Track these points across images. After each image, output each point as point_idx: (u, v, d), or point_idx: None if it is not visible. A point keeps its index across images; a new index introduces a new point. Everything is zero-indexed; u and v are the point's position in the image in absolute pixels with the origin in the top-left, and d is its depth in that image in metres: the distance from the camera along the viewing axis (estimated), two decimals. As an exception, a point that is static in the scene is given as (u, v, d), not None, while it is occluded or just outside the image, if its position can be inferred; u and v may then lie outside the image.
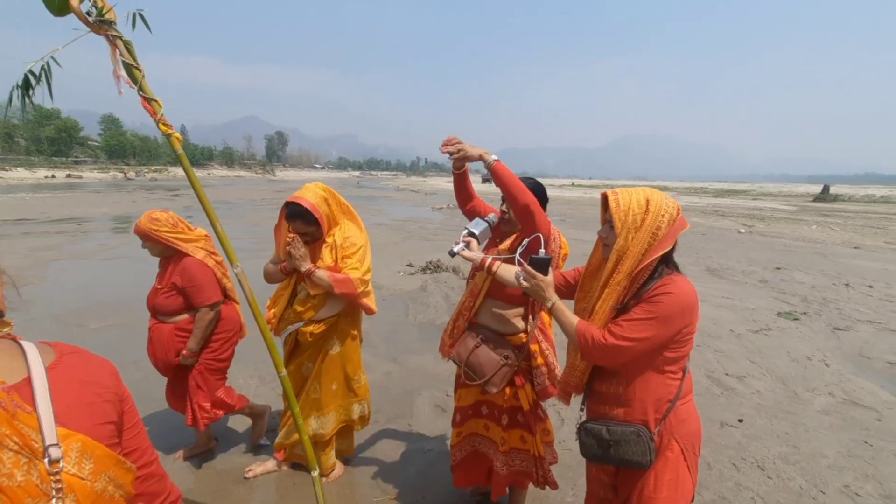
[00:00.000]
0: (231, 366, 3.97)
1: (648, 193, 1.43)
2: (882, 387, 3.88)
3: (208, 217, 1.63)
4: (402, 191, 39.80)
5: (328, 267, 2.24)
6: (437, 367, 4.07)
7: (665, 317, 1.37)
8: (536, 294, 1.56)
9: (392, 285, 6.70)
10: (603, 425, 1.49)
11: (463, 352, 1.99)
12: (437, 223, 15.21)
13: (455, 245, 1.91)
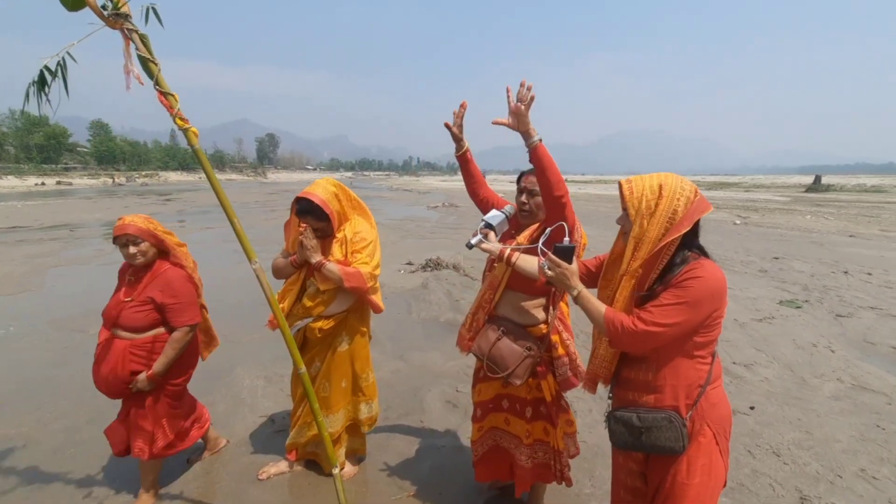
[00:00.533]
0: (237, 367, 3.98)
1: (662, 178, 1.42)
2: (889, 371, 3.91)
3: (226, 212, 1.60)
4: (396, 190, 39.73)
5: (338, 261, 2.21)
6: (444, 363, 4.05)
7: (695, 301, 1.35)
8: (562, 283, 1.54)
9: (393, 283, 6.67)
10: (633, 412, 1.47)
11: (484, 345, 1.97)
12: (434, 222, 15.18)
13: (472, 237, 1.89)
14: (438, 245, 9.96)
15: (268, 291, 1.69)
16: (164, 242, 2.20)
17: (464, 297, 5.91)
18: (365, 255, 2.24)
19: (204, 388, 3.53)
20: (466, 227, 13.37)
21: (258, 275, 1.70)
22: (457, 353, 4.22)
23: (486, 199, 2.18)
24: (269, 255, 2.42)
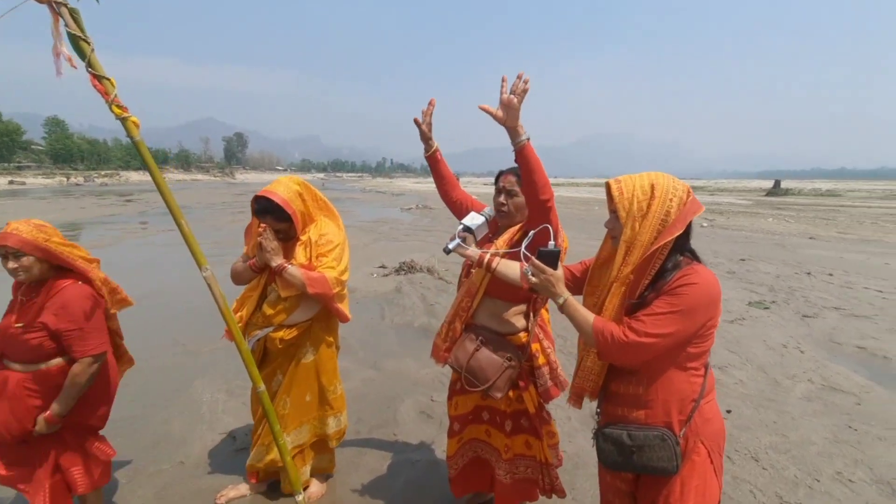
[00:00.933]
0: (196, 380, 3.72)
1: (654, 178, 1.32)
2: (855, 371, 3.99)
3: (172, 212, 1.41)
4: (369, 192, 39.27)
5: (301, 266, 2.03)
6: (419, 371, 3.90)
7: (689, 309, 1.26)
8: (546, 290, 1.42)
9: (365, 287, 6.47)
10: (623, 430, 1.37)
11: (462, 356, 1.83)
12: (408, 224, 15.00)
13: (450, 241, 1.76)
14: (412, 248, 9.79)
15: (220, 301, 1.51)
16: (58, 257, 1.75)
17: (438, 302, 5.78)
18: (331, 258, 2.07)
19: (158, 404, 3.27)
20: (440, 230, 13.25)
21: (209, 283, 1.52)
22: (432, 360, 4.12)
23: (459, 201, 2.06)
24: (232, 259, 2.23)
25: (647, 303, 1.32)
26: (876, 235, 13.24)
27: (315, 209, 2.14)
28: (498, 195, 1.91)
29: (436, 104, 1.91)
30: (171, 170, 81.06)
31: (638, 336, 1.27)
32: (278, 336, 2.07)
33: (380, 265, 7.80)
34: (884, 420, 3.18)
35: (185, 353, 4.20)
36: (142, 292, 6.10)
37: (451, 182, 2.06)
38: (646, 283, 1.33)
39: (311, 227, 2.12)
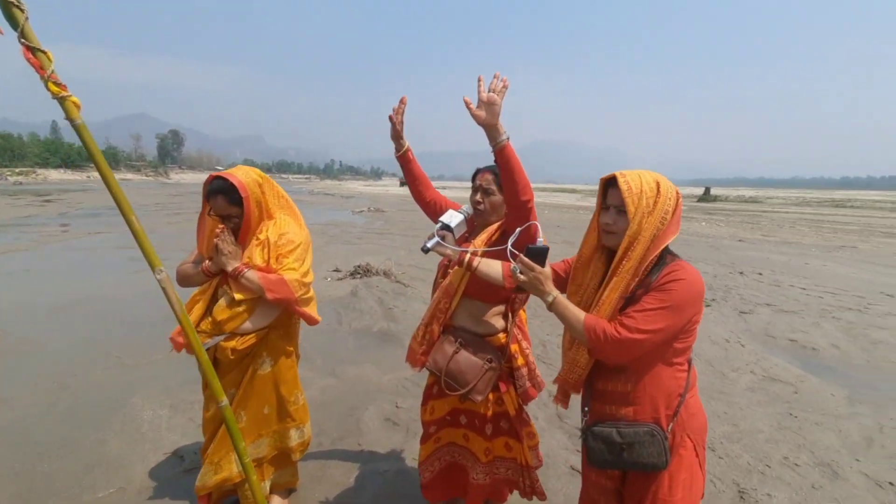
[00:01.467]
0: (135, 395, 3.38)
1: (656, 176, 1.35)
2: (790, 362, 4.30)
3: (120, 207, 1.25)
4: (317, 194, 38.24)
5: (259, 268, 1.87)
6: (380, 377, 3.78)
7: (678, 305, 1.27)
8: (534, 288, 1.39)
9: (320, 292, 6.22)
10: (612, 427, 1.36)
11: (441, 359, 1.77)
12: (360, 227, 14.70)
13: (428, 240, 1.69)
14: (366, 251, 9.58)
15: (176, 307, 1.36)
16: None
17: (396, 305, 5.66)
18: (292, 259, 1.92)
19: (92, 424, 2.95)
20: (394, 233, 13.09)
21: (164, 286, 1.35)
22: (394, 365, 4.03)
23: (433, 201, 2.00)
24: (172, 264, 2.00)
25: (636, 299, 1.32)
26: (795, 238, 14.54)
27: (274, 205, 1.99)
28: (475, 193, 1.87)
29: (407, 102, 1.85)
30: (97, 168, 74.73)
31: (630, 332, 1.26)
32: (230, 345, 1.87)
33: (334, 269, 7.56)
34: (819, 407, 3.44)
35: (120, 367, 3.83)
36: (68, 301, 5.54)
37: (425, 182, 2.00)
38: (637, 280, 1.33)
39: (270, 226, 1.95)
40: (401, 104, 1.83)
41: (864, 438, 3.04)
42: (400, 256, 9.05)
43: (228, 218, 1.87)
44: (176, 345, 1.89)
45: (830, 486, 2.54)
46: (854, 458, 2.81)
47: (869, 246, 12.75)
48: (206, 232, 1.93)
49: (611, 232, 1.38)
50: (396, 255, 9.20)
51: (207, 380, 1.43)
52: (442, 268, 1.94)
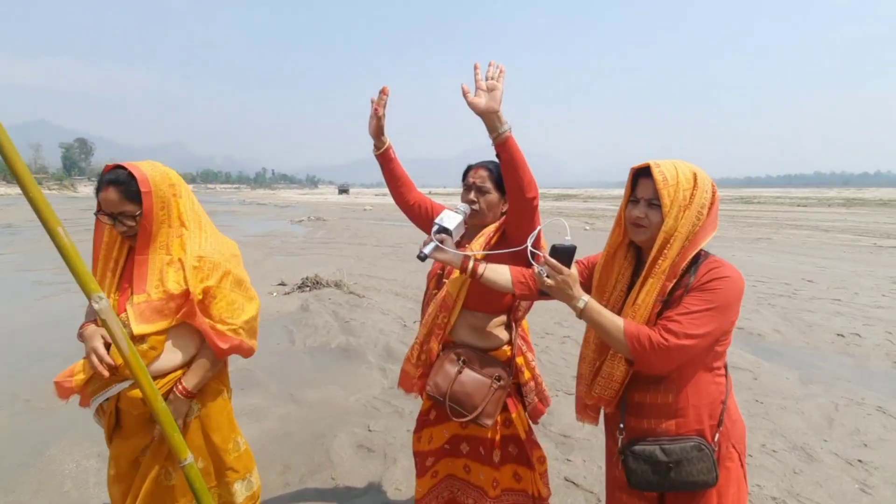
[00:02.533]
0: (54, 445, 2.83)
1: (692, 166, 1.23)
2: (741, 349, 4.49)
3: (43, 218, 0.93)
4: (249, 204, 36.25)
5: (172, 296, 1.39)
6: (347, 398, 3.47)
7: (725, 305, 1.16)
8: (563, 294, 1.22)
9: (265, 309, 5.69)
10: (655, 445, 1.22)
11: (443, 382, 1.55)
12: (302, 236, 14.01)
13: (424, 246, 1.47)
14: (313, 262, 9.07)
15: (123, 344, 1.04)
16: None
17: (353, 318, 5.33)
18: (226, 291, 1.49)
19: (1, 486, 2.41)
20: (339, 242, 12.58)
21: (104, 317, 1.04)
22: (359, 383, 3.72)
23: (417, 204, 1.79)
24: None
25: (674, 301, 1.20)
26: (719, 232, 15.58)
27: (189, 217, 1.51)
28: (468, 192, 1.69)
29: (389, 93, 1.62)
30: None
31: (678, 339, 1.13)
32: (134, 394, 1.39)
33: (279, 282, 7.05)
34: (779, 391, 3.59)
35: (31, 412, 3.23)
36: (-45, 337, 4.66)
37: (407, 184, 1.78)
38: (673, 281, 1.21)
39: (185, 240, 1.48)
40: (382, 95, 1.60)
41: (824, 418, 3.18)
42: (350, 265, 8.65)
43: (120, 219, 1.38)
44: (62, 391, 1.39)
45: (809, 469, 2.61)
46: (822, 438, 2.92)
47: (781, 237, 14.05)
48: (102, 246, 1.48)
49: (641, 226, 1.24)
50: (346, 264, 8.78)
51: (166, 434, 1.11)
52: (434, 278, 1.73)
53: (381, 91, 1.61)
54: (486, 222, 1.68)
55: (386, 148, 1.70)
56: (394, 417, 3.16)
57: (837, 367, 4.09)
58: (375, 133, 1.65)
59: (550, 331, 4.98)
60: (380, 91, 1.61)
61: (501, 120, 1.37)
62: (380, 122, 1.63)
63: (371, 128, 1.64)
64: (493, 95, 1.35)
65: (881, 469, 2.60)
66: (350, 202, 41.87)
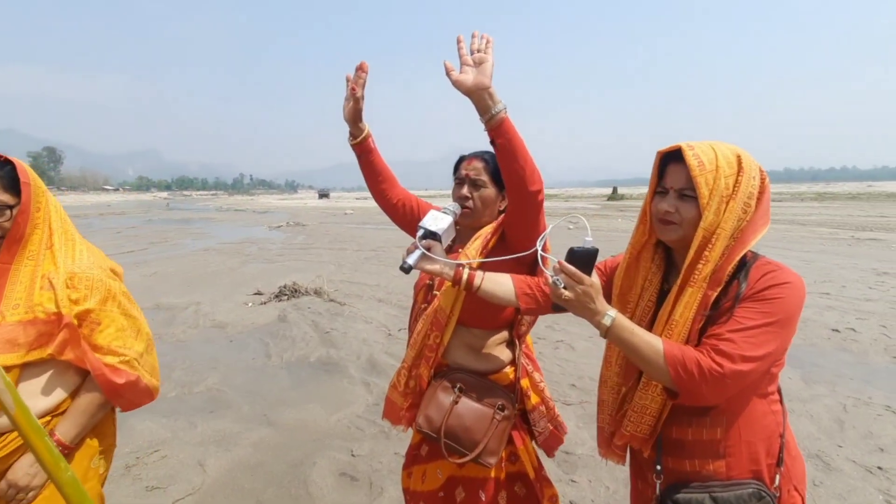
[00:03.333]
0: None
1: (733, 146, 1.00)
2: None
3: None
4: (226, 211, 35.31)
5: (35, 320, 1.10)
6: (327, 418, 3.17)
7: (787, 318, 0.94)
8: (584, 308, 0.98)
9: (240, 321, 5.39)
10: (703, 492, 0.98)
11: (436, 414, 1.29)
12: (280, 243, 13.55)
13: (408, 255, 1.21)
14: (291, 269, 8.70)
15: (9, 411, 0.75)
16: None
17: (334, 328, 5.02)
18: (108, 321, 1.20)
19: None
20: (319, 247, 12.19)
21: None
22: (341, 400, 3.42)
23: (401, 202, 1.53)
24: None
25: (720, 314, 0.96)
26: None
27: (57, 225, 1.23)
28: (460, 186, 1.44)
29: (368, 69, 1.36)
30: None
31: (734, 363, 0.90)
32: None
33: (255, 291, 6.68)
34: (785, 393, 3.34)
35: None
36: None
37: (389, 179, 1.52)
38: (718, 289, 0.97)
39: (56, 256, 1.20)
40: (360, 72, 1.34)
41: (835, 421, 3.03)
42: (330, 272, 8.31)
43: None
44: None
45: (829, 480, 2.43)
46: (836, 444, 2.76)
47: (761, 231, 14.20)
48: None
49: (670, 222, 1.01)
50: (326, 270, 8.44)
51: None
52: (422, 289, 1.47)
53: (359, 68, 1.35)
54: (482, 223, 1.44)
55: (364, 136, 1.43)
56: (379, 439, 2.88)
57: (838, 365, 3.96)
58: (352, 118, 1.39)
59: (542, 335, 4.76)
60: (357, 68, 1.35)
61: (494, 98, 1.15)
62: (357, 104, 1.37)
63: (347, 111, 1.38)
64: (482, 69, 1.14)
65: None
66: (330, 206, 41.30)
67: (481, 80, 1.13)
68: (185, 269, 8.88)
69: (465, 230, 1.46)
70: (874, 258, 8.96)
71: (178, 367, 3.99)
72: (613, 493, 2.34)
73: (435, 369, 1.39)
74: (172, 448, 2.78)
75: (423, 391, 1.37)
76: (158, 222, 22.99)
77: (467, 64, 1.15)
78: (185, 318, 5.52)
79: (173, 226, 20.48)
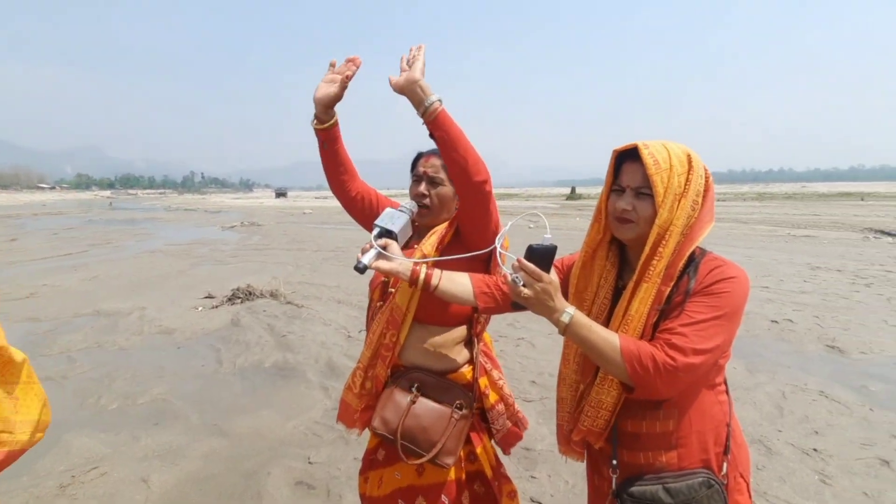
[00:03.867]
0: None
1: (683, 146, 1.04)
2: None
3: None
4: (176, 210, 33.66)
5: None
6: (283, 424, 3.06)
7: (734, 311, 0.97)
8: (542, 305, 0.97)
9: (189, 326, 5.13)
10: (657, 483, 1.00)
11: (393, 416, 1.26)
12: (234, 243, 13.04)
13: (362, 255, 1.17)
14: (246, 270, 8.38)
15: None
16: None
17: (291, 331, 4.87)
18: None
19: None
20: (276, 248, 11.82)
21: None
22: (298, 406, 3.31)
23: (361, 196, 1.48)
24: None
25: (673, 309, 0.99)
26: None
27: None
28: (417, 184, 1.41)
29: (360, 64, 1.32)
30: None
31: (686, 356, 0.91)
32: None
33: (205, 295, 6.38)
34: (730, 382, 3.57)
35: None
36: None
37: (351, 171, 1.46)
38: (671, 284, 0.99)
39: None
40: (352, 65, 1.30)
41: (775, 407, 3.21)
42: (287, 273, 8.07)
43: None
44: None
45: (770, 464, 2.56)
46: (776, 429, 2.92)
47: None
48: None
49: (628, 220, 1.02)
50: (283, 271, 8.18)
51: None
52: (378, 287, 1.42)
53: (352, 61, 1.30)
54: (440, 221, 1.41)
55: (333, 123, 1.36)
56: (338, 444, 2.80)
57: (777, 354, 4.21)
58: (329, 103, 1.29)
59: (504, 333, 4.80)
60: (348, 59, 1.30)
61: (426, 91, 1.17)
62: (341, 91, 1.29)
63: (324, 96, 1.28)
64: (413, 67, 1.18)
65: (835, 457, 2.61)
66: (288, 206, 40.17)
67: (411, 75, 1.17)
68: (129, 272, 8.38)
69: (422, 228, 1.43)
70: (808, 253, 9.63)
71: (119, 378, 3.75)
72: (573, 487, 2.37)
73: (392, 370, 1.35)
74: (113, 464, 2.60)
75: (379, 392, 1.33)
76: (100, 222, 21.62)
77: (403, 70, 1.19)
78: (129, 324, 5.19)
79: (117, 226, 19.31)
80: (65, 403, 3.33)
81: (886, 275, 7.36)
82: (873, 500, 2.26)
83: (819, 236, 12.69)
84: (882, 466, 2.52)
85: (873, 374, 3.73)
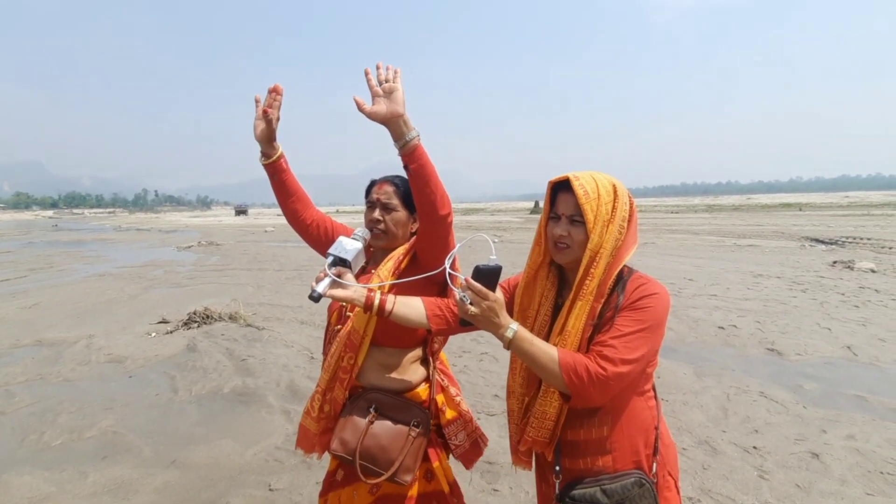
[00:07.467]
0: None
1: (608, 176, 1.16)
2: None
3: None
4: (127, 231, 32.15)
5: None
6: (242, 453, 2.99)
7: (657, 324, 1.08)
8: (488, 323, 1.05)
9: (141, 354, 4.92)
10: (594, 486, 1.09)
11: (352, 436, 1.30)
12: (191, 264, 12.58)
13: (316, 284, 1.21)
14: (203, 293, 8.12)
15: None
16: None
17: (252, 355, 4.76)
18: None
19: None
20: (236, 268, 11.49)
21: None
22: (258, 433, 3.25)
23: (315, 224, 1.54)
24: None
25: (605, 323, 1.09)
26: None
27: None
28: (371, 210, 1.47)
29: (283, 92, 1.37)
30: None
31: (615, 366, 1.01)
32: None
33: (159, 320, 6.14)
34: (679, 387, 3.80)
35: None
36: None
37: (303, 199, 1.52)
38: (602, 301, 1.10)
39: None
40: (275, 95, 1.35)
41: (720, 409, 3.41)
42: (248, 294, 7.87)
43: None
44: None
45: (715, 463, 2.73)
46: (721, 430, 3.11)
47: (662, 241, 15.66)
48: None
49: (565, 246, 1.13)
50: (243, 293, 7.97)
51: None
52: (336, 310, 1.47)
53: (273, 90, 1.35)
54: (395, 244, 1.48)
55: (278, 157, 1.43)
56: (300, 470, 2.77)
57: (723, 358, 4.48)
58: (265, 138, 1.38)
59: (467, 348, 4.87)
60: (270, 90, 1.35)
61: (409, 125, 1.21)
62: (270, 125, 1.36)
63: (259, 133, 1.37)
64: (393, 98, 1.20)
65: (772, 453, 2.81)
66: (249, 224, 39.11)
67: (395, 109, 1.19)
68: (75, 298, 7.94)
69: (378, 252, 1.50)
70: (752, 262, 10.27)
71: (64, 411, 3.55)
72: (533, 498, 2.44)
73: (349, 391, 1.39)
74: (58, 503, 2.47)
75: (337, 415, 1.37)
76: (42, 245, 20.34)
77: (378, 95, 1.20)
78: (75, 353, 4.93)
79: (61, 249, 18.23)
80: (3, 441, 3.14)
81: (819, 280, 7.96)
82: (804, 490, 2.45)
83: (762, 245, 13.55)
84: (813, 459, 2.73)
85: (807, 373, 4.03)
